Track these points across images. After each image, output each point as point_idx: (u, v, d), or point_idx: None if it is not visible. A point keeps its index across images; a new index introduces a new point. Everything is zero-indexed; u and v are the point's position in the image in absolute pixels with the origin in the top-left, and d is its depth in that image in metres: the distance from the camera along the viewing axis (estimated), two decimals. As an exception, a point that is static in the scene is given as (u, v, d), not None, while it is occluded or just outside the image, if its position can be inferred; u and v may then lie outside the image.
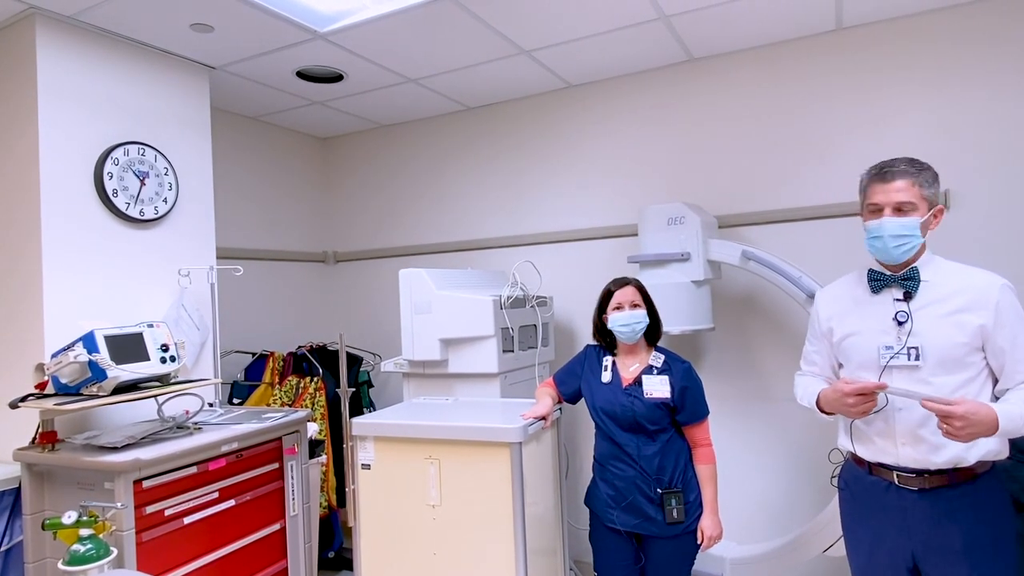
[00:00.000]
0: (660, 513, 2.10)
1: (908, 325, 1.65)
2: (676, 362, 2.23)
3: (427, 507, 2.18)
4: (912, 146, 2.69)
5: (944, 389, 1.60)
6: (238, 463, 2.31)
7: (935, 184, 1.68)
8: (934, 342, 1.62)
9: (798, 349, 2.85)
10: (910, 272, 1.68)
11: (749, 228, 2.99)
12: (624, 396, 2.17)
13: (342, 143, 4.20)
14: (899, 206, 1.64)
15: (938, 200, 1.67)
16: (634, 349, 2.26)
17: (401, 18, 2.55)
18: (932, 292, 1.66)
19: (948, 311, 1.63)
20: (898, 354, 1.65)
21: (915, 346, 1.63)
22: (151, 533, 2.00)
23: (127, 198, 2.55)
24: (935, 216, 1.67)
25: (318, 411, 3.25)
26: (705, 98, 3.11)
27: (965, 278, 1.66)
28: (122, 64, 2.61)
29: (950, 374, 1.61)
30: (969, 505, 1.62)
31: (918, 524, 1.66)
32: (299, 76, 3.10)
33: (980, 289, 1.62)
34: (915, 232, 1.63)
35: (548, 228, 3.50)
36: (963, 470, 1.62)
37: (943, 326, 1.62)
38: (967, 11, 2.62)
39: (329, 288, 4.19)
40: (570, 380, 2.36)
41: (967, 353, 1.60)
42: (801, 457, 2.91)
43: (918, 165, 1.68)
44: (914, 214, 1.63)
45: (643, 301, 2.25)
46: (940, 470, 1.63)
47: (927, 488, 1.64)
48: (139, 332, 2.27)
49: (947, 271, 1.69)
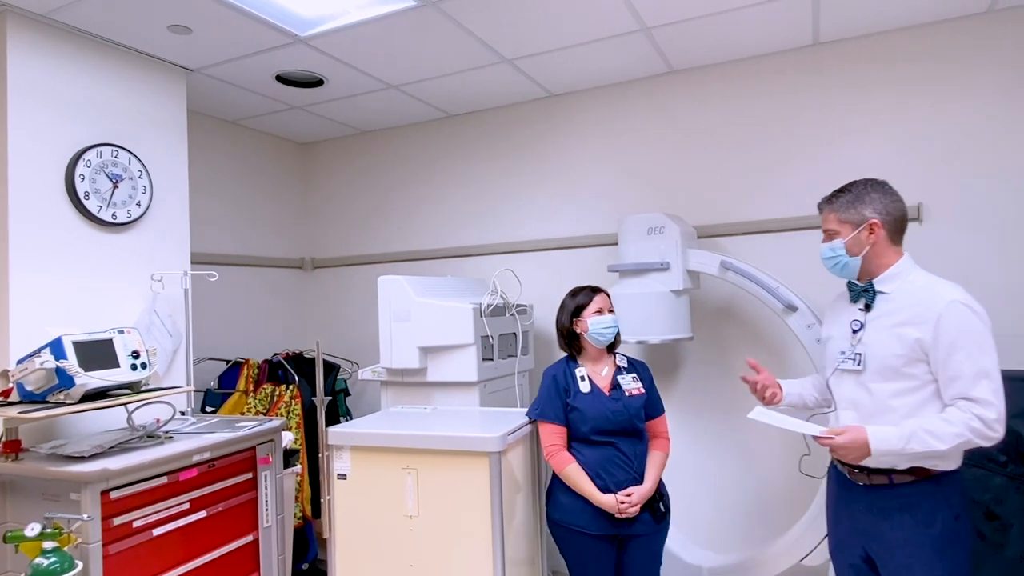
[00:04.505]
0: (645, 512, 2.15)
1: (860, 333, 1.79)
2: (636, 361, 2.37)
3: (404, 518, 2.15)
4: (885, 159, 2.75)
5: (882, 395, 1.73)
6: (210, 473, 2.25)
7: (856, 205, 1.80)
8: (875, 351, 1.75)
9: (776, 358, 2.90)
10: (866, 285, 1.82)
11: (727, 239, 3.02)
12: (611, 402, 2.20)
13: (322, 148, 4.16)
14: (826, 232, 1.87)
15: (865, 218, 1.79)
16: (600, 355, 2.33)
17: (383, 24, 2.54)
18: (888, 304, 1.77)
19: (893, 323, 1.73)
20: (847, 359, 1.81)
21: (860, 353, 1.78)
22: (118, 545, 1.94)
23: (99, 201, 2.50)
24: (869, 231, 1.78)
25: (293, 420, 3.20)
26: (685, 109, 3.14)
27: (920, 292, 1.72)
28: (97, 64, 2.56)
29: (887, 382, 1.72)
30: (905, 506, 1.70)
31: (863, 516, 1.79)
32: (279, 80, 3.07)
33: (926, 304, 1.69)
34: (840, 252, 1.81)
35: (528, 236, 3.50)
36: (902, 473, 1.71)
37: (885, 337, 1.74)
38: (941, 29, 2.68)
39: (306, 295, 4.14)
40: (560, 408, 2.24)
41: (905, 364, 1.69)
42: (778, 467, 2.93)
43: (835, 194, 1.86)
44: (837, 237, 1.82)
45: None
46: (879, 470, 1.73)
47: (871, 485, 1.76)
48: (109, 338, 2.22)
49: (912, 286, 1.76)
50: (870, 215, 1.77)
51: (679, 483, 2.96)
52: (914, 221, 2.68)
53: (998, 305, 2.54)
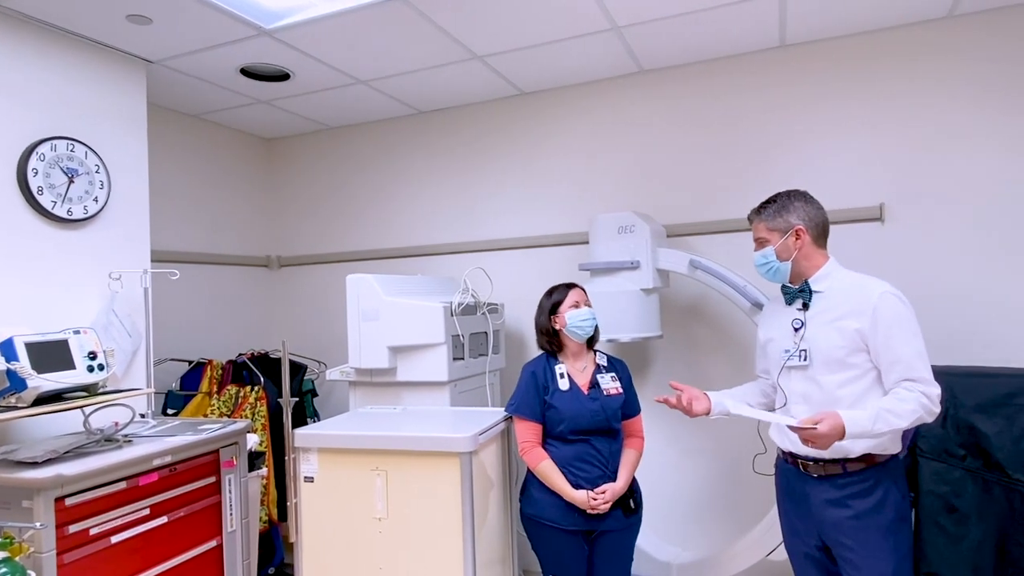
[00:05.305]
0: (617, 508, 2.17)
1: (802, 331, 1.91)
2: (615, 359, 2.40)
3: (373, 520, 2.12)
4: (849, 159, 2.80)
5: (829, 386, 1.84)
6: (171, 477, 2.19)
7: (782, 213, 1.94)
8: (819, 345, 1.86)
9: (742, 356, 2.93)
10: (802, 286, 1.94)
11: (696, 237, 3.04)
12: (589, 401, 2.21)
13: (288, 144, 4.08)
14: (757, 241, 1.99)
15: (791, 225, 1.92)
16: (580, 352, 2.33)
17: (351, 17, 2.49)
18: (824, 302, 1.90)
19: (832, 318, 1.86)
20: (792, 356, 1.91)
21: (805, 349, 1.89)
22: (74, 554, 1.87)
23: (54, 196, 2.41)
24: (795, 237, 1.91)
25: (259, 422, 3.13)
26: (655, 109, 3.16)
27: (853, 288, 1.87)
28: (51, 54, 2.46)
29: (833, 373, 1.84)
30: (858, 493, 1.82)
31: (818, 506, 1.88)
32: (243, 74, 2.99)
33: (861, 297, 1.82)
34: (772, 258, 1.94)
35: (499, 235, 3.48)
36: (855, 460, 1.83)
37: (827, 331, 1.85)
38: (903, 33, 2.74)
39: (272, 294, 4.06)
40: (537, 405, 2.24)
41: (848, 354, 1.81)
42: (745, 463, 2.96)
43: (763, 205, 1.99)
44: (767, 245, 1.95)
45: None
46: (833, 459, 1.84)
47: (824, 475, 1.86)
48: (64, 339, 2.13)
49: (843, 283, 1.90)
50: (795, 222, 1.92)
51: (648, 480, 2.98)
52: (876, 221, 2.75)
53: (956, 303, 2.62)
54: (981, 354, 2.50)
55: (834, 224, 2.04)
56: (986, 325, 2.56)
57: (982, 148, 2.61)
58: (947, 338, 2.51)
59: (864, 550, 1.81)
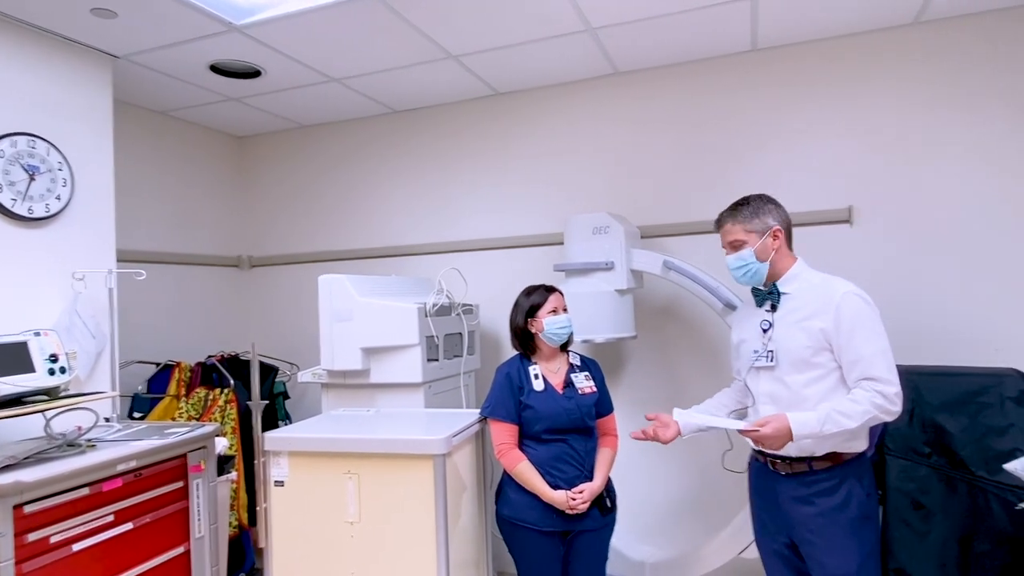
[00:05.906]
0: (593, 507, 2.17)
1: (770, 332, 1.94)
2: (587, 359, 2.40)
3: (345, 524, 2.09)
4: (821, 161, 2.84)
5: (795, 386, 1.87)
6: (137, 483, 2.13)
7: (758, 215, 1.95)
8: (786, 346, 1.89)
9: (715, 356, 2.96)
10: (771, 288, 1.96)
11: (670, 239, 3.06)
12: (564, 400, 2.22)
13: (259, 142, 4.02)
14: (732, 244, 1.98)
15: (768, 226, 1.93)
16: (553, 354, 2.33)
17: (323, 14, 2.46)
18: (791, 303, 1.93)
19: (798, 319, 1.89)
20: (760, 357, 1.94)
21: (772, 350, 1.92)
22: (34, 563, 1.81)
23: (14, 194, 2.33)
24: (773, 238, 1.93)
25: (228, 425, 3.07)
26: (629, 111, 3.18)
27: (819, 289, 1.90)
28: (11, 48, 2.38)
29: (800, 373, 1.87)
30: (824, 491, 1.85)
31: (786, 503, 1.92)
32: (213, 70, 2.94)
33: (826, 297, 1.86)
34: (751, 260, 1.94)
35: (474, 235, 3.46)
36: (820, 459, 1.86)
37: (793, 332, 1.88)
38: (871, 38, 2.79)
39: (243, 294, 3.99)
40: (512, 407, 2.22)
41: (813, 354, 1.84)
42: (717, 463, 2.98)
43: (736, 206, 1.99)
44: (745, 247, 1.94)
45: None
46: (800, 458, 1.87)
47: (792, 473, 1.90)
48: (23, 341, 2.07)
49: (809, 284, 1.93)
50: (772, 223, 1.94)
51: (622, 479, 2.99)
52: (844, 223, 2.79)
53: (923, 304, 2.68)
54: (946, 354, 2.55)
55: (803, 226, 2.08)
56: (952, 325, 2.62)
57: (948, 152, 2.67)
58: (914, 338, 2.56)
59: (829, 547, 1.84)
